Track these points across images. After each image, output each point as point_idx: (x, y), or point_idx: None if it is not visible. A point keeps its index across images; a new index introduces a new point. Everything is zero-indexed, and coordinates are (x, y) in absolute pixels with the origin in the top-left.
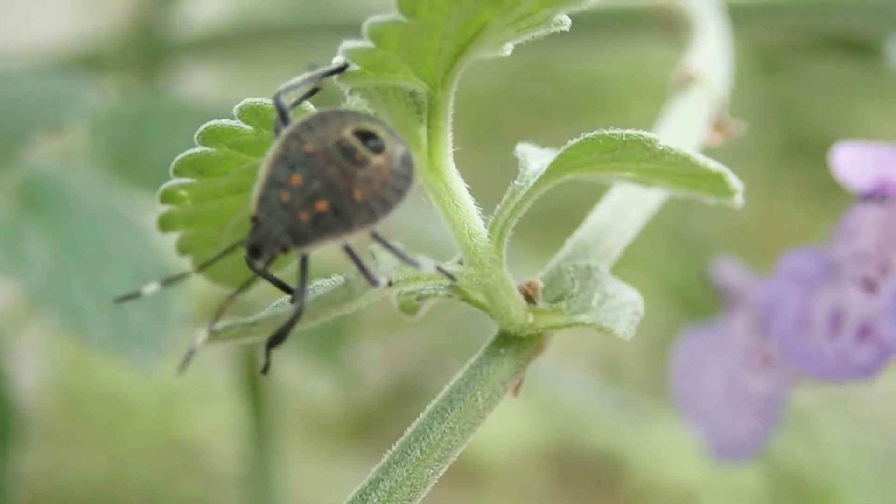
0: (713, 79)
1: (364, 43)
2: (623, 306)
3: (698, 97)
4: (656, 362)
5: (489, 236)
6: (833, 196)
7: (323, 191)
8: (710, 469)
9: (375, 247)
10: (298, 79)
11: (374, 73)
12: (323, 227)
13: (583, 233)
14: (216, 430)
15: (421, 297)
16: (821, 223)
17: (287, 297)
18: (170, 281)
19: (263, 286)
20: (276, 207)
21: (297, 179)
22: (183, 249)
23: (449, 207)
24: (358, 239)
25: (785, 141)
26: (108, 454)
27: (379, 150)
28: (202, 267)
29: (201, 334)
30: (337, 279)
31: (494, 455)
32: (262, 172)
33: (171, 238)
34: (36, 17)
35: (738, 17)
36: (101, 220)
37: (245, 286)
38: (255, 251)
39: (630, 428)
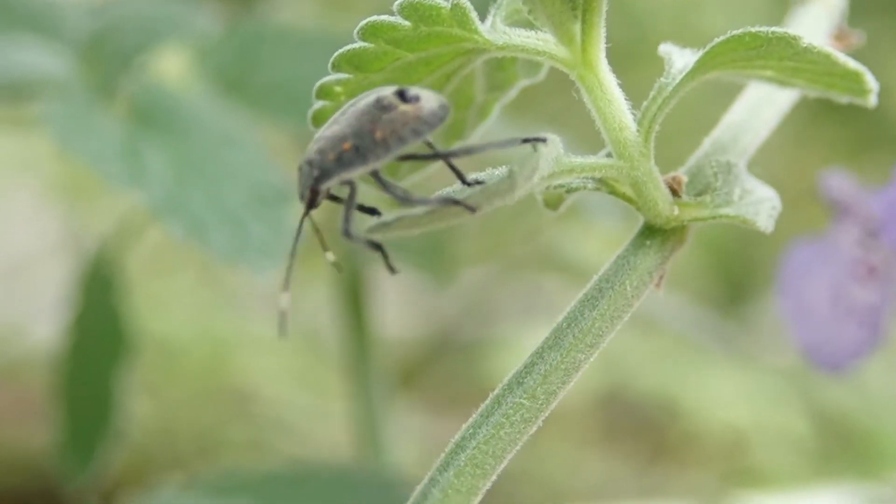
0: None
1: None
2: (762, 201)
3: (818, 9)
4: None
5: (638, 130)
6: (863, 150)
7: (350, 135)
8: (758, 412)
9: (535, 140)
10: None
11: None
12: (344, 162)
13: (720, 131)
14: (266, 377)
15: (570, 190)
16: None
17: (452, 187)
18: None
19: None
20: (313, 154)
21: (334, 131)
22: None
23: (600, 101)
24: (373, 168)
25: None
26: (161, 400)
27: (409, 100)
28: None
29: (285, 298)
30: (500, 170)
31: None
32: (317, 133)
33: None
34: None
35: None
36: (216, 136)
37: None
38: (300, 197)
39: (684, 368)
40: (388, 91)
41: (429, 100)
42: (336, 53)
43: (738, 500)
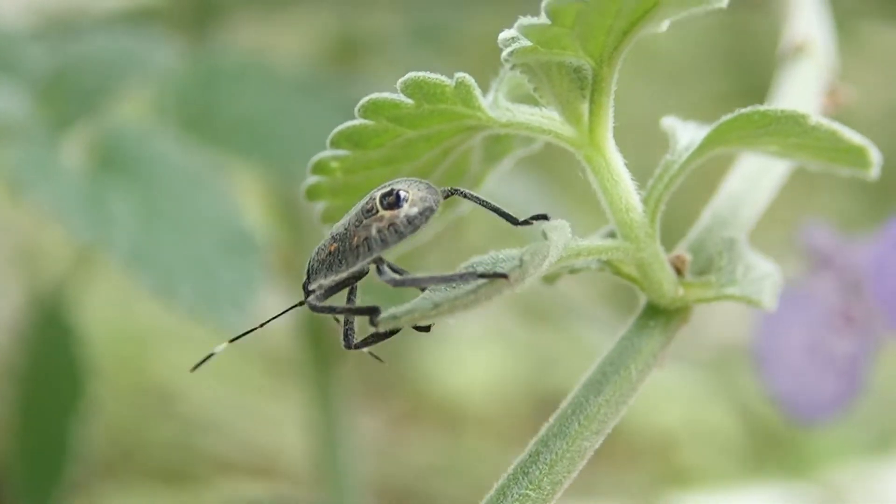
0: (819, 46)
1: (540, 20)
2: (764, 277)
3: (808, 66)
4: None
5: (644, 211)
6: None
7: (337, 237)
8: (686, 410)
9: (546, 226)
10: None
11: (546, 49)
12: (329, 263)
13: (719, 203)
14: (190, 375)
15: (573, 271)
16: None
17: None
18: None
19: None
20: (312, 253)
21: (334, 228)
22: (325, 219)
23: (607, 182)
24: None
25: (741, 88)
26: None
27: (391, 206)
28: None
29: (220, 346)
30: (508, 254)
31: (478, 399)
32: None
33: (244, 197)
34: None
35: None
36: (183, 181)
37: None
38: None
39: None
40: (380, 192)
41: (413, 203)
42: (335, 130)
43: (670, 499)
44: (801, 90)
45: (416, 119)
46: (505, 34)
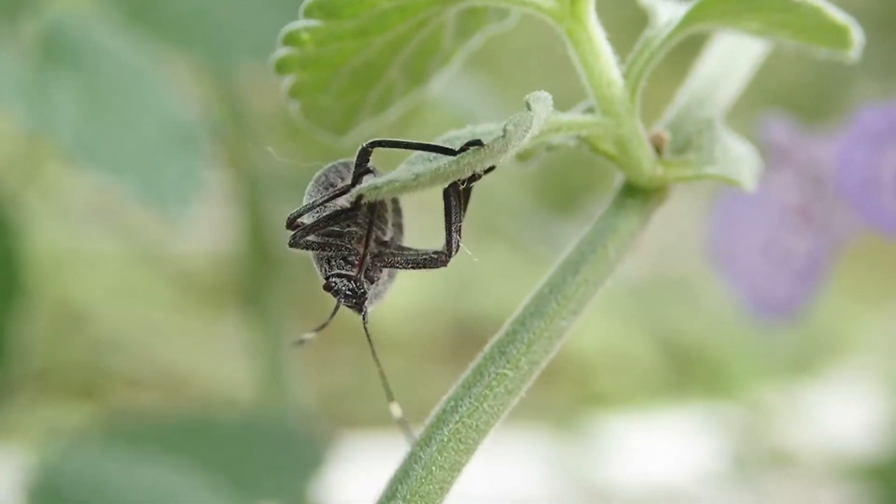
0: None
1: None
2: (742, 158)
3: None
4: None
5: (624, 86)
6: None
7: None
8: (607, 339)
9: (529, 97)
10: None
11: None
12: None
13: (695, 83)
14: (102, 295)
15: (550, 148)
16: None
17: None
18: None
19: None
20: None
21: None
22: (293, 93)
23: (588, 56)
24: None
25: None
26: None
27: None
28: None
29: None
30: (494, 129)
31: (394, 321)
32: None
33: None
34: None
35: None
36: (125, 71)
37: None
38: None
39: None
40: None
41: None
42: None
43: (589, 421)
44: None
45: None
46: None
